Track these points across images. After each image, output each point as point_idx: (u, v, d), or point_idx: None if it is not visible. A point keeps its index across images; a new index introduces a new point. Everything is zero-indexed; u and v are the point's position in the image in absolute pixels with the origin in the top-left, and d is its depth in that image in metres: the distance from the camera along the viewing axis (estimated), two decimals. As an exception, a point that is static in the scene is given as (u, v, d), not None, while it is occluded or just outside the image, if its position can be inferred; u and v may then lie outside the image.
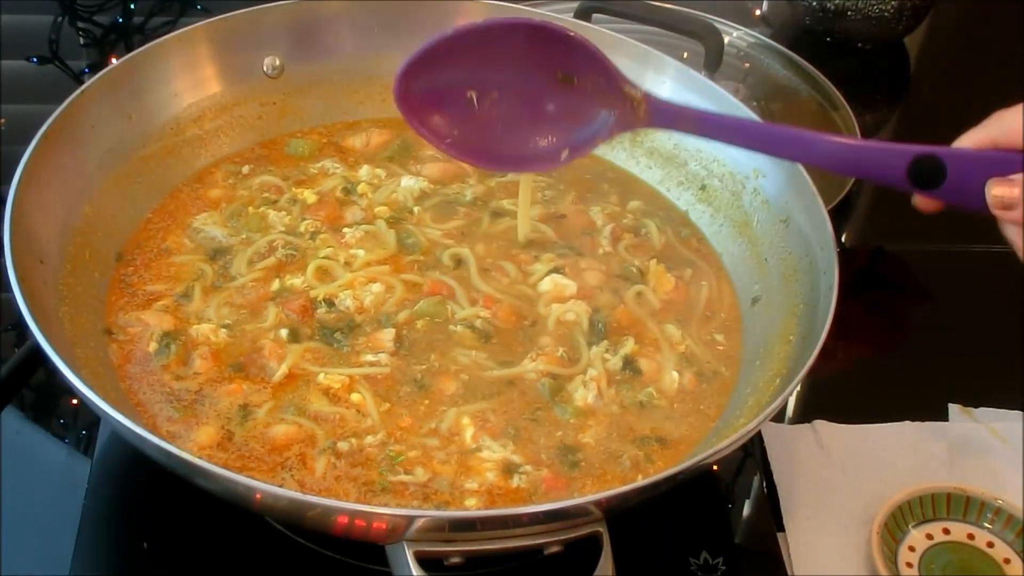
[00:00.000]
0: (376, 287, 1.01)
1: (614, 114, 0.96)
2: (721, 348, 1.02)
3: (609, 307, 1.03)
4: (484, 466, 0.89)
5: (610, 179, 1.18)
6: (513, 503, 0.87)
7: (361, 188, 1.12)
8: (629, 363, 0.99)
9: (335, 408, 0.92)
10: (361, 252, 1.05)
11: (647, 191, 1.17)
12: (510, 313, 1.02)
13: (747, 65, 1.47)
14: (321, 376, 0.94)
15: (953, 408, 1.11)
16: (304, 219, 1.08)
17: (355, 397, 0.93)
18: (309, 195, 1.10)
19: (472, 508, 0.86)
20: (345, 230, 1.07)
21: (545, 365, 0.97)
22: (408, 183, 1.13)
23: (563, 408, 0.95)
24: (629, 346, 0.99)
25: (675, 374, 0.98)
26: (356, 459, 0.89)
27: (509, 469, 0.89)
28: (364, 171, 1.14)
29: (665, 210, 1.15)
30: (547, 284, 1.04)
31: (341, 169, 1.15)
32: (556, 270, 1.05)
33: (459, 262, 1.06)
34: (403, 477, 0.88)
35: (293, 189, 1.11)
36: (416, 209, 1.11)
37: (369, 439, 0.90)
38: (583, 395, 0.95)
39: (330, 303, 1.00)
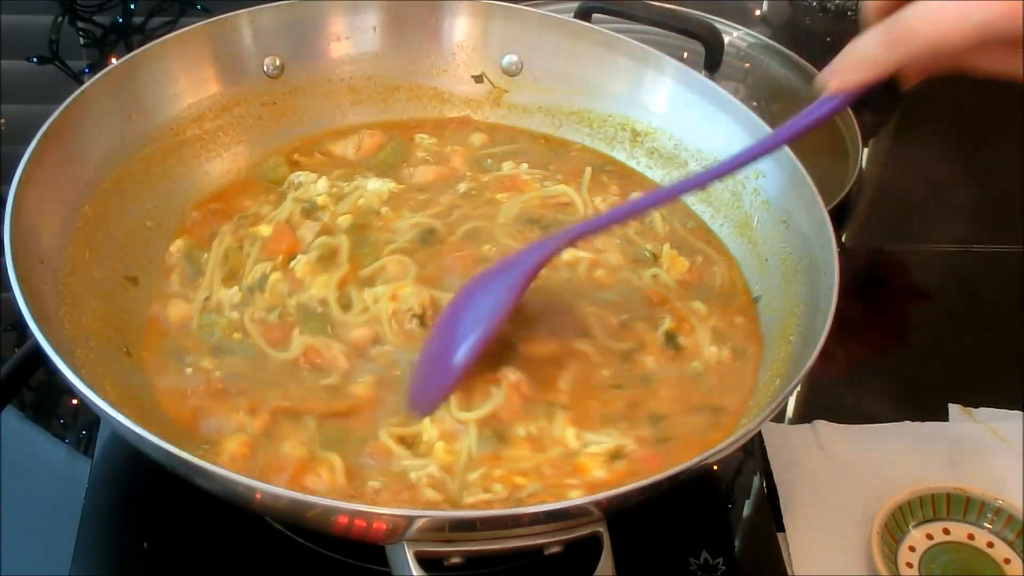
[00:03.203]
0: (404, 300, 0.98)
1: None
2: (743, 329, 1.02)
3: (632, 285, 1.03)
4: (594, 463, 0.89)
5: (609, 171, 1.18)
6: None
7: (322, 200, 1.08)
8: (671, 339, 0.99)
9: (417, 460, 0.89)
10: (314, 292, 0.98)
11: (648, 183, 1.17)
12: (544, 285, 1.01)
13: (747, 65, 1.47)
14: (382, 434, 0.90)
15: (953, 408, 1.11)
16: (259, 261, 1.02)
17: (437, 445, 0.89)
18: (264, 229, 1.05)
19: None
20: (298, 257, 1.01)
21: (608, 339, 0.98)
22: (376, 185, 1.09)
23: (632, 373, 0.96)
24: (668, 322, 1.00)
25: (713, 348, 0.99)
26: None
27: (615, 456, 0.90)
28: (322, 184, 1.10)
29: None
30: (568, 255, 1.04)
31: (309, 178, 1.11)
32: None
33: (427, 235, 1.05)
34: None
35: (249, 230, 1.05)
36: (384, 210, 1.08)
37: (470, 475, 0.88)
38: (651, 362, 0.97)
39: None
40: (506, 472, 0.88)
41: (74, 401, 1.07)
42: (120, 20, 1.57)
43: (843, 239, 1.30)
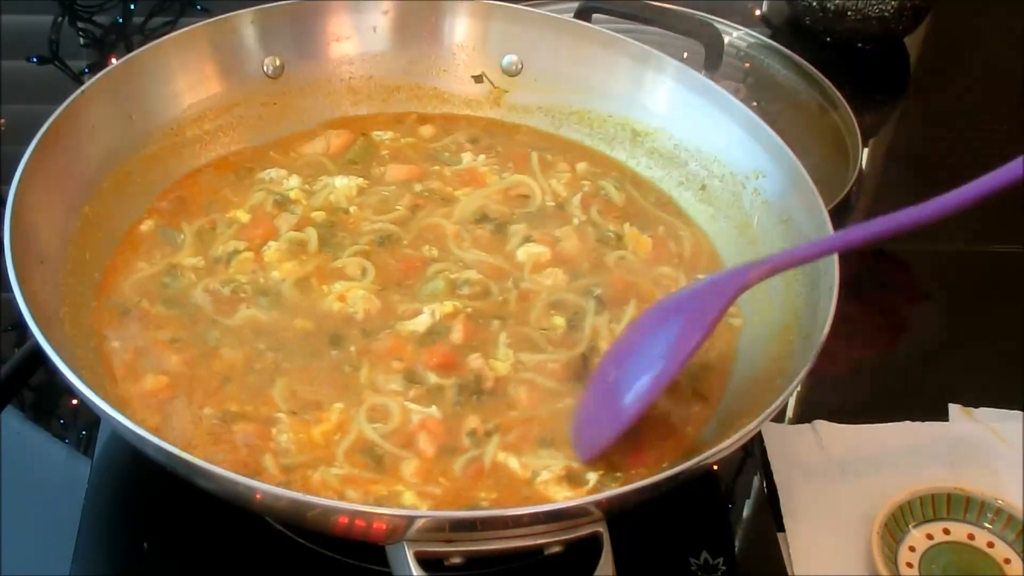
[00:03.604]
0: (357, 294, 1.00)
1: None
2: None
3: (597, 273, 1.04)
4: (549, 491, 0.88)
5: (552, 150, 1.19)
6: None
7: (294, 194, 1.09)
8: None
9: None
10: (276, 275, 1.01)
11: (582, 150, 1.19)
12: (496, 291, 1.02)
13: (747, 65, 1.47)
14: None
15: (953, 408, 1.11)
16: (229, 241, 1.04)
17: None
18: (241, 215, 1.07)
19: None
20: (270, 243, 1.04)
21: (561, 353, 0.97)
22: (343, 182, 1.11)
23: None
24: (631, 311, 1.00)
25: None
26: None
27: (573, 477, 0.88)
28: (294, 179, 1.11)
29: (618, 170, 1.17)
30: (523, 255, 1.05)
31: (279, 175, 1.12)
32: (528, 240, 1.07)
33: (385, 239, 1.06)
34: None
35: (224, 215, 1.07)
36: (352, 208, 1.09)
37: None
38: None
39: None
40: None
41: (74, 401, 1.07)
42: (120, 20, 1.57)
43: (843, 239, 1.30)
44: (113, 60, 1.09)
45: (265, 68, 1.17)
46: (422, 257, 1.05)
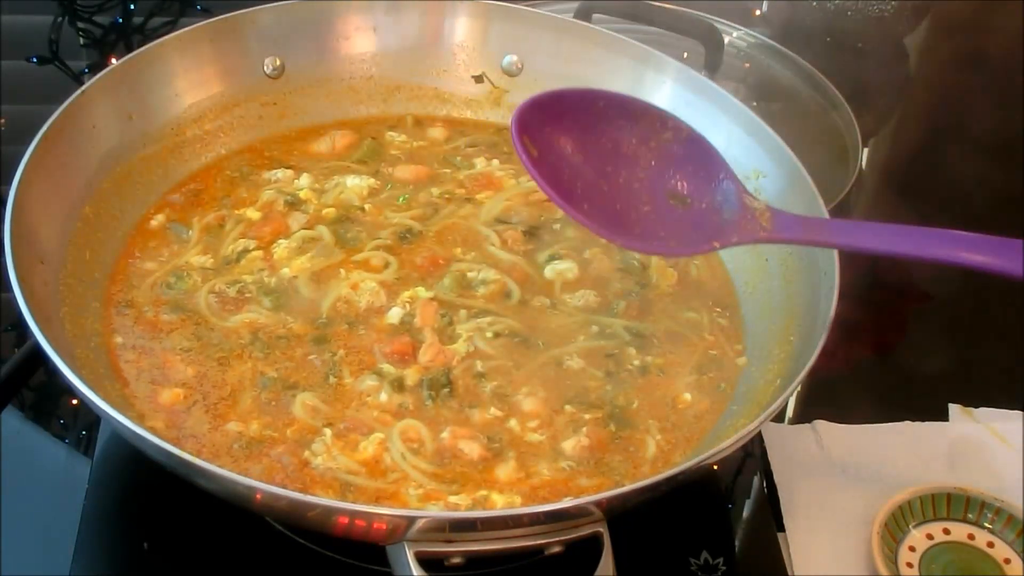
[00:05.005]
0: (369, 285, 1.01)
1: (734, 223, 0.96)
2: (724, 324, 1.04)
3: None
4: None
5: None
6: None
7: (304, 194, 1.09)
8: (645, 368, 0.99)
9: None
10: (286, 271, 1.01)
11: None
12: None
13: (747, 65, 1.47)
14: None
15: (953, 408, 1.11)
16: (238, 239, 1.05)
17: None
18: (252, 213, 1.08)
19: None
20: (280, 242, 1.04)
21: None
22: (355, 182, 1.11)
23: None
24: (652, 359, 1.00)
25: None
26: None
27: None
28: (304, 179, 1.12)
29: None
30: (551, 272, 1.05)
31: (287, 175, 1.12)
32: (554, 257, 1.06)
33: (407, 233, 1.06)
34: None
35: (234, 211, 1.08)
36: (367, 206, 1.10)
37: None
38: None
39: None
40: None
41: (74, 401, 1.07)
42: (120, 20, 1.57)
43: (843, 239, 1.30)
44: (113, 60, 1.09)
45: (266, 68, 1.17)
46: (448, 254, 1.05)
